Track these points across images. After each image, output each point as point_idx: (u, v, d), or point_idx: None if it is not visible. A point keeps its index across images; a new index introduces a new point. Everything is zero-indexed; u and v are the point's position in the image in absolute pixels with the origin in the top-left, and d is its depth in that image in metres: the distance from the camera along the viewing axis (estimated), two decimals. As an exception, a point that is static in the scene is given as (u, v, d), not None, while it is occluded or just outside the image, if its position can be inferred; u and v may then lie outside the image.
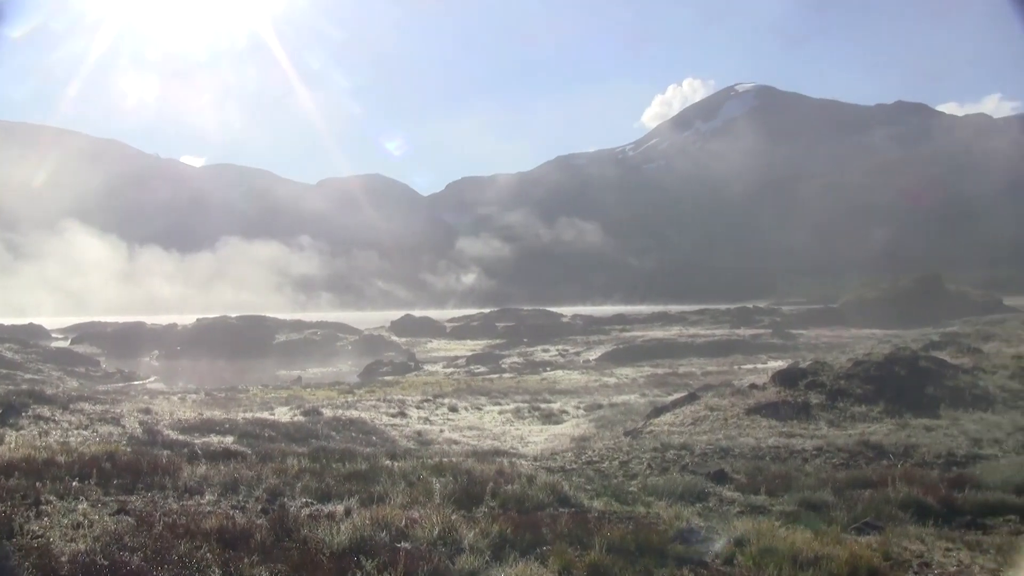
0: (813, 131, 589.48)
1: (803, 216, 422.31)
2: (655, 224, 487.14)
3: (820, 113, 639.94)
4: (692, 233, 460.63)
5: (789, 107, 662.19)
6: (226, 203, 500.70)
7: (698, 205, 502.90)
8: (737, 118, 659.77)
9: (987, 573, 11.33)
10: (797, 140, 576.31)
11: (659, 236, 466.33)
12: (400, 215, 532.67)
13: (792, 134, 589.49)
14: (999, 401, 29.99)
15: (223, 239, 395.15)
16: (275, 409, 36.87)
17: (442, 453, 24.06)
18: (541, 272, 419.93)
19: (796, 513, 15.06)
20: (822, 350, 76.72)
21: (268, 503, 13.15)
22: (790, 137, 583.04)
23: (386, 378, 68.11)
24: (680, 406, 31.24)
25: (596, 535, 11.26)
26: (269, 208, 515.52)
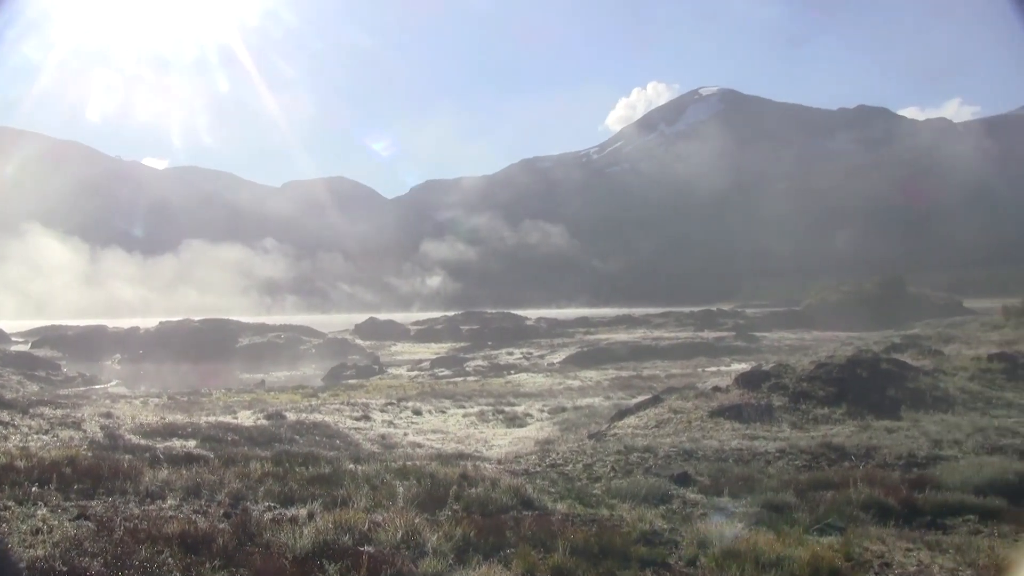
0: (777, 135, 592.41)
1: (768, 219, 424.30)
2: (620, 227, 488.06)
3: (784, 117, 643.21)
4: (657, 236, 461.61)
5: (753, 111, 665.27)
6: (190, 206, 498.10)
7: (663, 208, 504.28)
8: (701, 121, 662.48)
9: (946, 573, 11.48)
10: (761, 143, 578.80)
11: (624, 239, 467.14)
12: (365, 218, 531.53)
13: (756, 137, 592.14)
14: (959, 403, 30.28)
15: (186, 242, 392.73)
16: (238, 413, 36.62)
17: (406, 456, 24.03)
18: (506, 275, 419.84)
19: (759, 515, 15.15)
20: (785, 352, 77.13)
21: (231, 507, 13.10)
22: (754, 140, 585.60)
23: (350, 381, 67.91)
24: (644, 409, 31.29)
25: (560, 538, 11.31)
26: (233, 211, 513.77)
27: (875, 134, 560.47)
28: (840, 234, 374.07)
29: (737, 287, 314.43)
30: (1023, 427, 25.75)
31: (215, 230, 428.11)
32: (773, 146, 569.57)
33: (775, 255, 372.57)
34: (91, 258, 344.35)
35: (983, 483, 17.34)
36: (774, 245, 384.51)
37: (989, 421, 26.84)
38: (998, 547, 12.64)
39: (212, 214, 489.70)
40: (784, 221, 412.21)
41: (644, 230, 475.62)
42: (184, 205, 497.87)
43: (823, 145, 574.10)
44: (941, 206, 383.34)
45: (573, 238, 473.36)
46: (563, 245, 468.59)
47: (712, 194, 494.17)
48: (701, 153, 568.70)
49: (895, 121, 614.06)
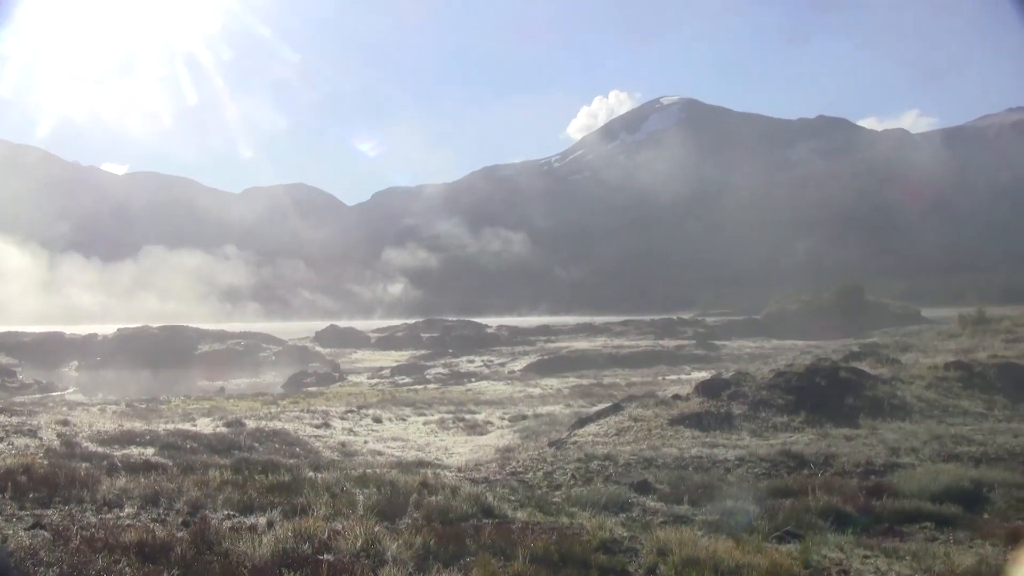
0: (738, 144, 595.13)
1: (729, 228, 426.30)
2: (581, 235, 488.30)
3: (744, 126, 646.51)
4: (618, 244, 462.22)
5: (714, 120, 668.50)
6: (149, 212, 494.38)
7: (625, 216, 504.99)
8: (662, 130, 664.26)
9: (902, 579, 11.57)
10: (722, 153, 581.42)
11: (586, 247, 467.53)
12: (326, 225, 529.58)
13: (717, 147, 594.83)
14: (916, 410, 30.57)
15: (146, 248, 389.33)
16: (197, 420, 36.40)
17: (366, 464, 23.95)
18: (468, 282, 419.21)
19: (718, 522, 15.21)
20: (745, 361, 77.56)
21: (189, 516, 13.02)
22: (715, 150, 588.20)
23: (310, 389, 67.66)
24: (604, 417, 31.36)
25: (520, 546, 11.31)
26: (193, 217, 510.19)
27: (835, 144, 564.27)
28: (800, 243, 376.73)
29: (698, 296, 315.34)
30: (978, 435, 26.04)
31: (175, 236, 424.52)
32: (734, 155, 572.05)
33: (736, 264, 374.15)
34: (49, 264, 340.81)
35: (939, 490, 17.53)
36: (735, 254, 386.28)
37: (945, 429, 27.12)
38: (954, 554, 12.77)
39: (172, 220, 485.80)
40: (745, 230, 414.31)
41: (606, 238, 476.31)
42: (144, 211, 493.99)
43: (783, 155, 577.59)
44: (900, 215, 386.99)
45: (535, 246, 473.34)
46: (525, 253, 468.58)
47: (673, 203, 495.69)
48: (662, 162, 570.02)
49: (854, 131, 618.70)
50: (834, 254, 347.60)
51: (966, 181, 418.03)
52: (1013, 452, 23.85)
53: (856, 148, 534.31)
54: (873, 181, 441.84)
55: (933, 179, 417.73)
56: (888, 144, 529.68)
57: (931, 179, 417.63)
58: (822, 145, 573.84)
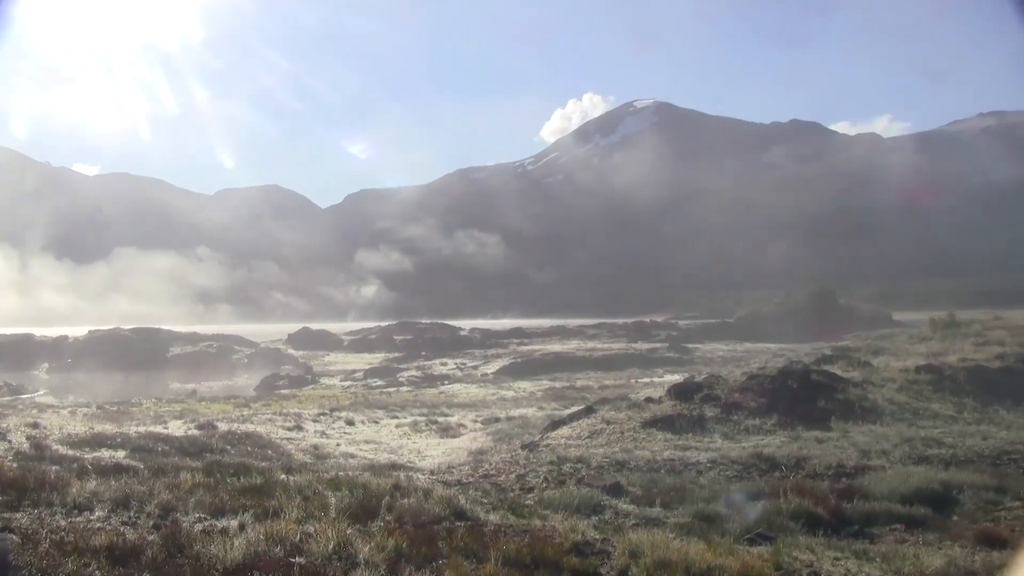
0: (711, 148, 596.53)
1: (702, 231, 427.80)
2: (555, 238, 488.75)
3: (718, 130, 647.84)
4: (592, 247, 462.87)
5: (687, 124, 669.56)
6: (121, 213, 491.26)
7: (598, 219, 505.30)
8: (636, 134, 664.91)
9: (871, 580, 11.64)
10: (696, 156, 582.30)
11: (559, 250, 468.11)
12: (299, 227, 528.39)
13: (691, 150, 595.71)
14: (887, 413, 30.75)
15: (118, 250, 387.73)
16: (169, 423, 36.29)
17: (338, 467, 23.94)
18: (442, 285, 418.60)
19: (690, 525, 15.26)
20: (717, 364, 77.96)
21: (160, 519, 12.93)
22: (689, 153, 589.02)
23: (283, 391, 67.60)
24: (577, 419, 31.44)
25: (492, 548, 11.30)
26: (165, 218, 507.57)
27: (808, 148, 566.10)
28: (774, 246, 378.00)
29: (671, 299, 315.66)
30: (948, 437, 26.23)
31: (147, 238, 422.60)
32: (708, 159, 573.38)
33: (710, 267, 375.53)
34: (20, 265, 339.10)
35: (909, 492, 17.67)
36: (709, 257, 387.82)
37: (916, 431, 27.30)
38: (923, 555, 12.86)
39: (144, 222, 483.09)
40: (718, 233, 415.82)
41: (580, 241, 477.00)
42: (115, 212, 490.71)
43: (757, 158, 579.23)
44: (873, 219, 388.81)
45: (509, 249, 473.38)
46: (498, 256, 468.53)
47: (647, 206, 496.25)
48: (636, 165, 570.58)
49: (827, 136, 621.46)
50: (808, 258, 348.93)
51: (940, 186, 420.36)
52: (982, 454, 24.06)
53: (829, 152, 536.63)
54: (847, 185, 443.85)
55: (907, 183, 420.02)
56: (861, 148, 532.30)
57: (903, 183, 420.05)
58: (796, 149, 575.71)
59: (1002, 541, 14.51)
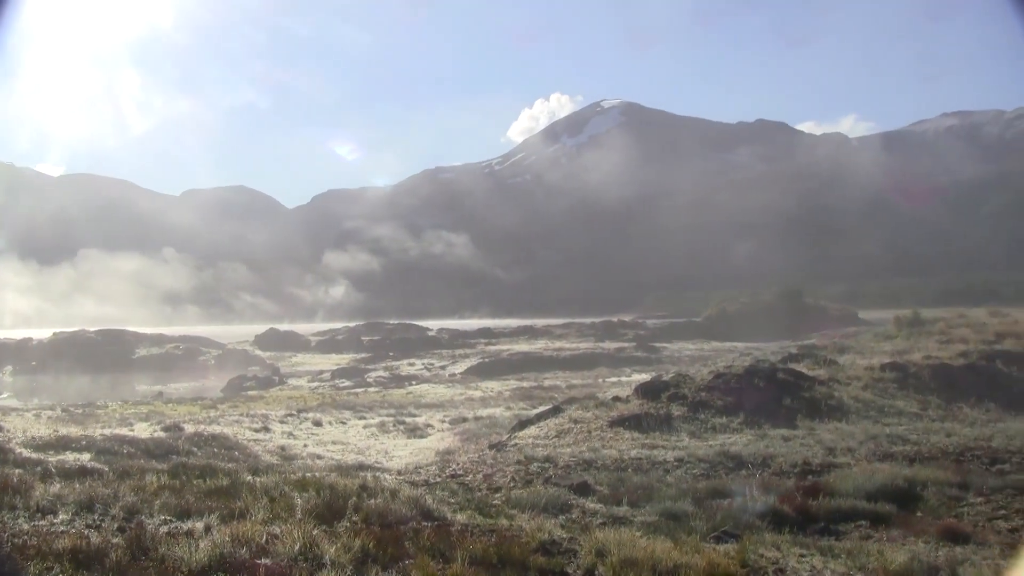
0: (679, 148, 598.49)
1: (670, 231, 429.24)
2: (523, 238, 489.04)
3: (685, 130, 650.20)
4: (560, 247, 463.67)
5: (655, 123, 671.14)
6: (86, 214, 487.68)
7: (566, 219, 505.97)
8: (603, 134, 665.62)
9: (836, 576, 11.72)
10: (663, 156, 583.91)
11: (527, 250, 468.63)
12: (266, 228, 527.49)
13: (658, 150, 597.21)
14: (852, 411, 30.97)
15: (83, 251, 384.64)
16: (135, 425, 36.04)
17: (305, 468, 23.86)
18: (410, 285, 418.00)
19: (657, 523, 15.31)
20: (685, 363, 78.12)
21: (125, 521, 12.85)
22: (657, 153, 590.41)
23: (250, 393, 67.35)
24: (545, 419, 31.47)
25: (459, 548, 11.32)
26: (131, 220, 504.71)
27: (775, 148, 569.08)
28: (741, 246, 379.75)
29: (639, 298, 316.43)
30: (913, 434, 26.46)
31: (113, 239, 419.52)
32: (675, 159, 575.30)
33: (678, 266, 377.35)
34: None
35: (874, 489, 17.80)
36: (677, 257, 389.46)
37: (881, 429, 27.52)
38: (887, 551, 12.97)
39: (110, 223, 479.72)
40: (686, 233, 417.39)
41: (548, 241, 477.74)
42: (81, 213, 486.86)
43: (724, 158, 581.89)
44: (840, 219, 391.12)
45: (477, 249, 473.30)
46: (466, 256, 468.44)
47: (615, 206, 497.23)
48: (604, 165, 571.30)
49: (794, 136, 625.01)
50: (775, 257, 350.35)
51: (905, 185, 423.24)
52: (946, 451, 24.28)
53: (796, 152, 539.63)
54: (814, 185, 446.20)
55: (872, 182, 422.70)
56: (828, 148, 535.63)
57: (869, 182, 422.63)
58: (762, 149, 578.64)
59: (965, 536, 14.65)
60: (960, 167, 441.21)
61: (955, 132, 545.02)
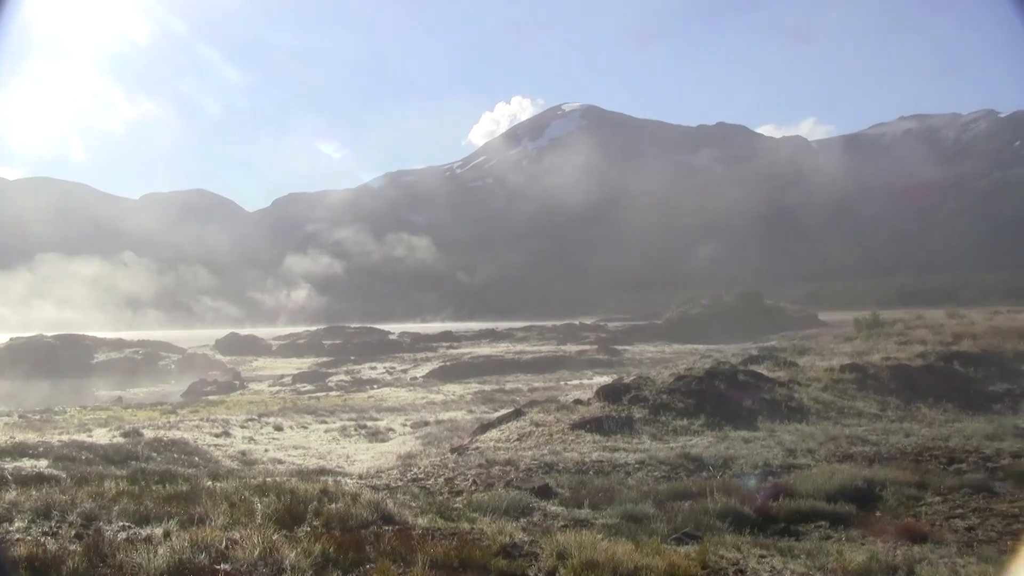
0: (640, 150, 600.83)
1: (632, 233, 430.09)
2: (485, 241, 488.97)
3: (646, 133, 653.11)
4: (522, 250, 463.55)
5: (615, 126, 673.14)
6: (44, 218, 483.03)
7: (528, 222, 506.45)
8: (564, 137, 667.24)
9: (795, 576, 11.80)
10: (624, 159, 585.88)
11: (489, 253, 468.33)
12: (226, 231, 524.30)
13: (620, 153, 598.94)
14: (812, 412, 31.21)
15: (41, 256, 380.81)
16: (93, 431, 35.74)
17: (266, 473, 23.76)
18: (372, 289, 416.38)
19: (618, 526, 15.35)
20: (646, 365, 78.28)
21: (83, 528, 12.75)
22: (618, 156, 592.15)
23: (210, 398, 66.87)
24: (506, 422, 31.49)
25: (419, 552, 11.30)
26: (90, 223, 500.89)
27: (735, 151, 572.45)
28: (703, 248, 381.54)
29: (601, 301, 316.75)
30: (872, 435, 26.70)
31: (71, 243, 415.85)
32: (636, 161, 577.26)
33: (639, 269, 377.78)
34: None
35: (834, 490, 17.95)
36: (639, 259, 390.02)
37: (841, 430, 27.77)
38: (846, 551, 13.09)
39: (68, 227, 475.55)
40: (647, 235, 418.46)
41: (510, 244, 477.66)
42: (38, 217, 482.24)
43: (685, 161, 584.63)
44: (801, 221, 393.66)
45: (439, 252, 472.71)
46: (428, 259, 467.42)
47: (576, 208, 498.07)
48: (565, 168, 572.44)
49: (754, 138, 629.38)
50: (737, 259, 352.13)
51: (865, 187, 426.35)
52: (905, 451, 24.54)
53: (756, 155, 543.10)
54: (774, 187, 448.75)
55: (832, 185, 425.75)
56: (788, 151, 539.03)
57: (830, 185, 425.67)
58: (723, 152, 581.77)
59: (923, 536, 14.81)
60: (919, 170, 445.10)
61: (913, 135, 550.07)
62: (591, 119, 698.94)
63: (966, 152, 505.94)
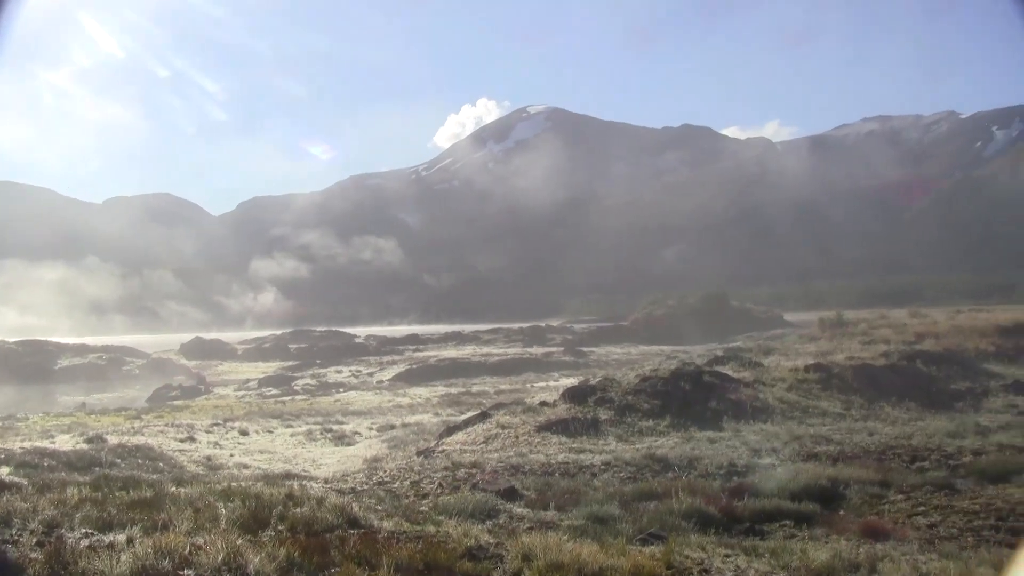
0: (605, 152, 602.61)
1: (597, 235, 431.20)
2: (451, 243, 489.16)
3: (611, 135, 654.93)
4: (488, 252, 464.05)
5: (581, 129, 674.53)
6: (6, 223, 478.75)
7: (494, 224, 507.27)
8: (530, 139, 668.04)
9: (760, 575, 11.85)
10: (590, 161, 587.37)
11: (455, 255, 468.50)
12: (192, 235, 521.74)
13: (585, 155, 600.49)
14: (777, 412, 31.39)
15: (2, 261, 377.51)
16: (56, 437, 35.52)
17: (231, 477, 23.65)
18: (338, 292, 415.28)
19: (584, 527, 15.37)
20: (612, 367, 78.46)
21: (44, 535, 12.62)
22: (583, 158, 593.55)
23: (175, 403, 66.56)
24: (472, 425, 31.52)
25: (385, 555, 11.24)
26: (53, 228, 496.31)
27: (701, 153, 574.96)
28: (669, 250, 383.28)
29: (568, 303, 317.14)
30: (836, 434, 26.90)
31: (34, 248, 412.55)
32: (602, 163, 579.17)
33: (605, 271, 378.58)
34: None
35: (798, 489, 18.07)
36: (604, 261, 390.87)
37: (805, 429, 27.94)
38: (810, 550, 13.16)
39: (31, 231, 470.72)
40: (613, 237, 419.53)
41: (476, 246, 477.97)
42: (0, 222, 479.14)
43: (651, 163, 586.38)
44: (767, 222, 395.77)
45: (405, 255, 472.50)
46: (395, 262, 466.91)
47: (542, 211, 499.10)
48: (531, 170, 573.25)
49: (719, 140, 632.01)
50: (702, 261, 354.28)
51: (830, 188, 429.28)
52: (868, 450, 24.73)
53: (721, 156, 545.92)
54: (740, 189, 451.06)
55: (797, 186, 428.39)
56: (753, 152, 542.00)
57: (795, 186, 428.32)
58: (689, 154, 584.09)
59: (886, 533, 14.92)
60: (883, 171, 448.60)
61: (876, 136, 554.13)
62: (556, 121, 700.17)
63: (928, 153, 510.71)
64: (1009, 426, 28.86)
